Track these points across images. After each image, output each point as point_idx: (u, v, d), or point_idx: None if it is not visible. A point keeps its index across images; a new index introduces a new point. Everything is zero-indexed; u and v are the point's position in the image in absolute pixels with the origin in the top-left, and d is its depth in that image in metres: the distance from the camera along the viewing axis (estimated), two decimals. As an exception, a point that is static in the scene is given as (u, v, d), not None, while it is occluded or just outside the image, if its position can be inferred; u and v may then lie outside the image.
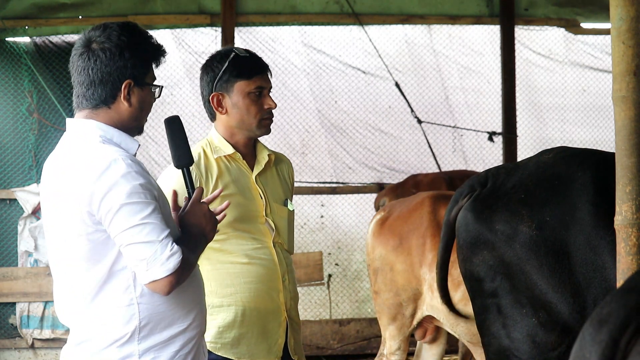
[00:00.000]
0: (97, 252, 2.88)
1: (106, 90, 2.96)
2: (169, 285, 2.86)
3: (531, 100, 9.10)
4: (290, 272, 3.82)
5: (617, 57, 3.04)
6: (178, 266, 2.84)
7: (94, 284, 2.90)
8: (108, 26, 2.99)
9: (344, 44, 8.75)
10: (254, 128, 3.75)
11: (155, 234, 2.83)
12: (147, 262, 2.82)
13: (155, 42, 3.05)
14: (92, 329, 2.93)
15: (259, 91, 3.74)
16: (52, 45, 8.20)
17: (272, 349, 3.72)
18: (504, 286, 3.69)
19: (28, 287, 7.78)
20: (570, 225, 3.59)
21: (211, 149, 3.76)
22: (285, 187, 3.91)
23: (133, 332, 2.90)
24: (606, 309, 1.81)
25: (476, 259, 3.76)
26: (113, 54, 2.94)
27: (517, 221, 3.67)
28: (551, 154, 3.84)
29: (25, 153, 8.11)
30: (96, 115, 2.98)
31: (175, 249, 2.84)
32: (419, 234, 5.03)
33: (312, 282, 8.00)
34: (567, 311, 3.57)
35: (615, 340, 1.77)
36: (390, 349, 5.12)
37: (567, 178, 3.68)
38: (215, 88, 3.75)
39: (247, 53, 3.79)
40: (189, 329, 3.00)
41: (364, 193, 8.70)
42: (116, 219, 2.82)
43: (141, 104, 3.02)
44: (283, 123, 8.63)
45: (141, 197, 2.84)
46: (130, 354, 2.91)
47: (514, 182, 3.77)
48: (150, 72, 3.03)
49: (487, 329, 3.75)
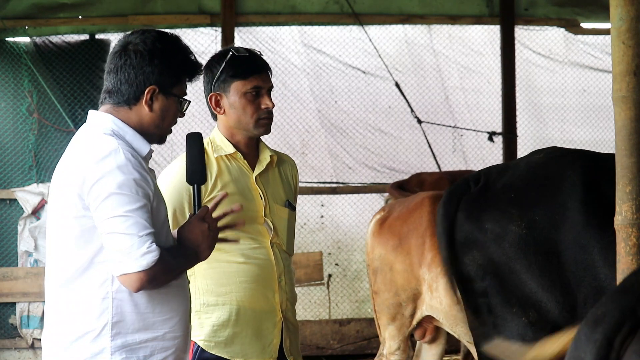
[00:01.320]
0: (83, 237, 2.90)
1: (130, 91, 3.00)
2: (139, 282, 2.85)
3: (531, 100, 9.10)
4: (287, 273, 3.81)
5: (617, 57, 3.04)
6: (152, 265, 2.83)
7: (74, 269, 2.92)
8: (147, 31, 3.04)
9: (344, 44, 8.75)
10: (251, 128, 3.74)
11: (137, 228, 2.84)
12: (122, 254, 2.83)
13: (194, 59, 3.09)
14: (66, 315, 2.94)
15: (255, 91, 3.72)
16: (52, 45, 8.20)
17: (266, 349, 3.72)
18: (493, 286, 3.68)
19: (28, 287, 7.78)
20: (559, 225, 3.59)
21: (212, 147, 3.76)
22: (287, 188, 3.89)
23: (104, 326, 2.91)
24: (601, 309, 1.82)
25: (467, 259, 3.76)
26: (143, 57, 2.98)
27: (507, 221, 3.67)
28: (542, 154, 3.84)
29: (25, 153, 8.11)
30: (116, 112, 3.02)
31: (153, 247, 2.84)
32: (418, 234, 5.03)
33: (312, 282, 8.00)
34: (556, 310, 3.56)
35: (609, 339, 1.78)
36: (389, 349, 5.12)
37: (557, 178, 3.68)
38: (213, 88, 3.76)
39: (247, 52, 3.78)
40: (165, 338, 2.99)
41: (364, 193, 8.70)
42: (102, 206, 2.84)
43: (163, 112, 3.05)
44: (283, 123, 8.62)
45: (132, 190, 2.86)
46: (103, 349, 2.91)
47: (504, 182, 3.78)
48: (180, 85, 3.07)
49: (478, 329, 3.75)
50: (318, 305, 8.60)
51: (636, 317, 1.78)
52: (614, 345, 1.77)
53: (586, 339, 1.80)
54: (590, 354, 1.78)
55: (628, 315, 1.78)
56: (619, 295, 1.84)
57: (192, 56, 3.09)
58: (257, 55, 3.81)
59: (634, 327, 1.78)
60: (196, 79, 3.13)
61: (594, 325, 1.81)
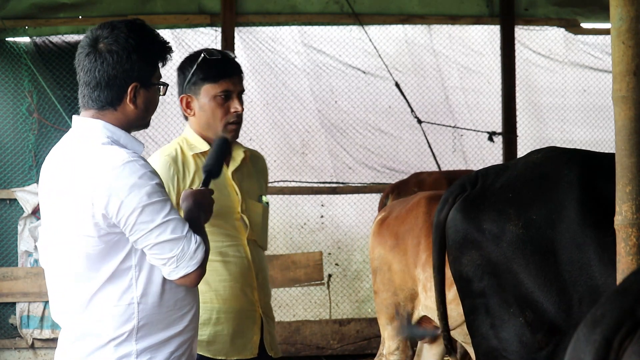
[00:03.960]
0: (107, 252, 2.89)
1: (112, 93, 2.96)
2: (199, 277, 2.94)
3: (531, 100, 9.09)
4: (263, 270, 3.84)
5: (617, 57, 3.04)
6: (204, 256, 2.92)
7: (97, 282, 2.90)
8: (116, 26, 2.97)
9: (344, 44, 8.74)
10: (219, 132, 3.74)
11: (179, 230, 2.88)
12: (177, 259, 2.88)
13: (162, 40, 3.05)
14: (88, 326, 2.93)
15: (225, 94, 3.73)
16: (52, 45, 8.20)
17: (247, 346, 3.74)
18: (491, 286, 3.68)
19: (28, 287, 7.78)
20: (556, 224, 3.59)
21: (187, 145, 3.77)
22: (260, 184, 3.93)
23: (131, 331, 2.91)
24: (600, 310, 1.82)
25: (465, 259, 3.76)
26: (120, 57, 2.93)
27: (504, 220, 3.66)
28: (540, 154, 3.84)
29: (25, 153, 8.11)
30: (103, 115, 2.98)
31: (198, 240, 2.91)
32: (414, 234, 5.03)
33: (312, 282, 8.00)
34: (553, 310, 3.56)
35: (608, 340, 1.78)
36: (389, 349, 5.12)
37: (554, 177, 3.67)
38: (184, 90, 3.76)
39: (219, 55, 3.76)
40: (184, 332, 3.02)
41: (364, 193, 8.70)
42: (140, 221, 2.84)
43: (147, 105, 3.03)
44: (283, 123, 8.62)
45: (159, 195, 2.88)
46: (128, 353, 2.92)
47: (502, 182, 3.77)
48: (157, 72, 3.04)
49: (476, 330, 3.75)
50: (318, 305, 8.60)
51: (635, 317, 1.78)
52: (612, 345, 1.77)
53: (585, 340, 1.80)
54: (589, 354, 1.78)
55: (627, 315, 1.78)
56: (618, 296, 1.84)
57: (160, 38, 3.05)
58: (229, 58, 3.79)
59: (633, 328, 1.77)
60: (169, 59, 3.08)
61: (593, 326, 1.80)
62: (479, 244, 3.70)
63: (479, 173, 3.89)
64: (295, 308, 8.58)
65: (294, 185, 8.61)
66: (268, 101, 8.66)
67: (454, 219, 3.81)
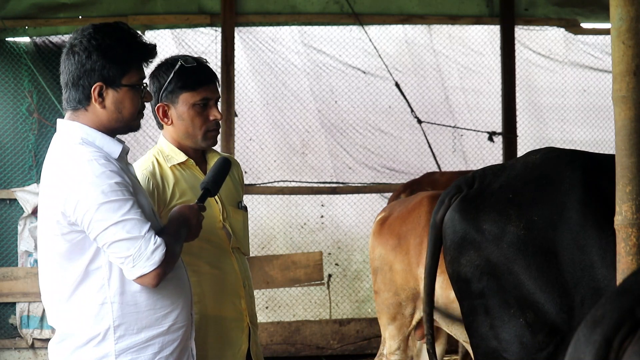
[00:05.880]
0: (73, 251, 2.92)
1: (78, 93, 2.99)
2: (157, 278, 2.90)
3: (531, 100, 9.09)
4: (248, 278, 3.81)
5: (617, 57, 3.04)
6: (163, 258, 2.89)
7: (70, 283, 2.94)
8: (85, 29, 3.00)
9: (344, 44, 8.74)
10: (199, 140, 3.72)
11: (137, 229, 2.87)
12: (133, 258, 2.86)
13: (141, 41, 3.04)
14: (69, 326, 2.97)
15: (204, 102, 3.69)
16: (52, 45, 8.20)
17: (236, 355, 3.71)
18: (491, 287, 3.67)
19: (28, 287, 7.78)
20: (558, 225, 3.58)
21: (163, 157, 3.73)
22: (237, 189, 3.90)
23: (107, 331, 2.93)
24: (600, 310, 1.82)
25: (463, 260, 3.75)
26: (81, 57, 2.96)
27: (505, 221, 3.65)
28: (538, 155, 3.84)
29: (25, 153, 8.11)
30: (77, 117, 3.02)
31: (158, 241, 2.88)
32: (416, 234, 5.03)
33: (312, 282, 8.00)
34: (554, 311, 3.55)
35: (608, 340, 1.78)
36: (390, 349, 5.12)
37: (555, 178, 3.67)
38: (160, 99, 3.70)
39: (195, 62, 3.72)
40: (168, 332, 3.02)
41: (364, 193, 8.70)
42: (96, 219, 2.85)
43: (117, 106, 3.01)
44: (283, 123, 8.62)
45: (118, 194, 2.87)
46: (107, 354, 2.94)
47: (501, 182, 3.76)
48: (131, 73, 3.01)
49: (475, 330, 3.74)
50: (318, 305, 8.60)
51: (635, 317, 1.78)
52: (613, 346, 1.78)
53: (585, 340, 1.81)
54: (589, 354, 1.78)
55: (627, 316, 1.78)
56: (618, 296, 1.84)
57: (139, 39, 3.04)
58: (205, 65, 3.76)
59: (633, 328, 1.78)
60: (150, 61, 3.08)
61: (593, 326, 1.81)
62: (478, 244, 3.70)
63: (476, 174, 3.89)
64: (295, 308, 8.58)
65: (294, 185, 8.61)
66: (268, 101, 8.66)
67: (451, 220, 3.80)
